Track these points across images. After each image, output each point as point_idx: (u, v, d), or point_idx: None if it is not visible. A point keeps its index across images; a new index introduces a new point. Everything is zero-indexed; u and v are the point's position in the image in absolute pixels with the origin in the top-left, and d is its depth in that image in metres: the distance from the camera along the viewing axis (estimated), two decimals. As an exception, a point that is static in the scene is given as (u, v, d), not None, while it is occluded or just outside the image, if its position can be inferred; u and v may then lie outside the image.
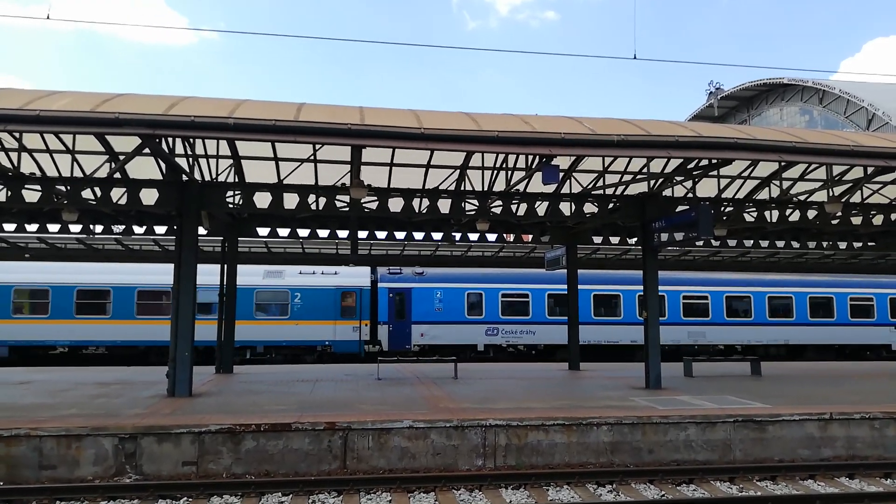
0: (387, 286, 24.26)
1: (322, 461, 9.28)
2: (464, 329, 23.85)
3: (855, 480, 9.21)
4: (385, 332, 24.05)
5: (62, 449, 8.86)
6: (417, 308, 24.23)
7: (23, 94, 10.01)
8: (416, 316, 24.22)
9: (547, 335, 24.45)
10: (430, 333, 23.98)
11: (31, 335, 22.51)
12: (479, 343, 24.32)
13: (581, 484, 8.81)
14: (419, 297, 24.28)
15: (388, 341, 24.04)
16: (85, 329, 22.64)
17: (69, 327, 22.59)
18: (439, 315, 23.31)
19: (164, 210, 13.34)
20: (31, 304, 22.87)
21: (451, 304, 24.33)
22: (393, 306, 24.22)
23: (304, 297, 23.53)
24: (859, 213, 15.70)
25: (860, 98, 45.47)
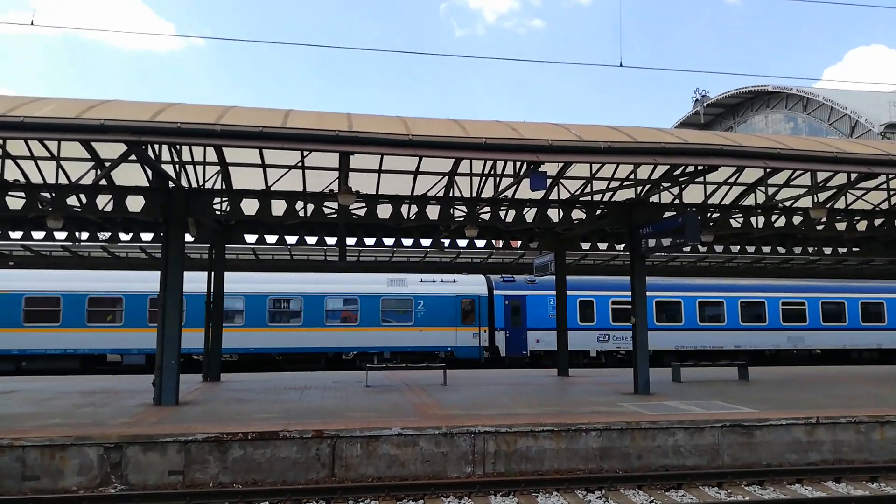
0: (502, 294, 24.96)
1: (310, 469, 9.21)
2: (576, 335, 23.99)
3: (842, 484, 9.27)
4: (502, 338, 24.70)
5: (46, 459, 8.74)
6: (532, 315, 24.90)
7: (6, 100, 9.92)
8: (532, 322, 24.86)
9: (652, 341, 25.06)
10: (545, 340, 24.28)
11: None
12: (592, 349, 25.00)
13: (570, 490, 8.80)
14: (533, 304, 24.98)
15: (505, 347, 24.71)
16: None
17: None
18: (553, 322, 23.53)
19: (150, 217, 13.26)
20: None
21: None
22: (509, 313, 24.89)
23: (426, 304, 24.25)
24: (844, 219, 15.88)
25: (843, 105, 46.03)
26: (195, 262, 22.14)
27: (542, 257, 19.40)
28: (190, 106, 10.57)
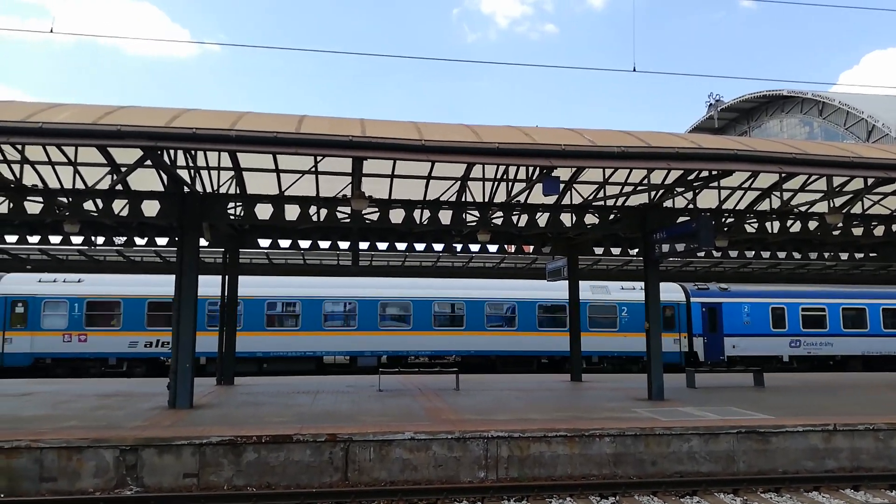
0: (699, 301, 25.88)
1: (323, 473, 9.23)
2: (770, 341, 25.58)
3: (860, 492, 9.16)
4: (700, 343, 25.59)
5: (63, 461, 8.83)
6: (728, 321, 25.77)
7: (25, 106, 10.06)
8: (728, 329, 25.74)
9: (843, 346, 26.39)
10: (741, 345, 25.56)
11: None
12: (784, 354, 25.89)
13: (584, 496, 8.76)
14: (729, 311, 25.88)
15: (703, 352, 25.52)
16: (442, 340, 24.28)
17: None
18: (747, 328, 25.06)
19: (165, 222, 13.37)
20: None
21: (757, 317, 25.99)
22: (706, 320, 25.76)
23: (629, 311, 25.01)
24: (860, 224, 15.71)
25: (860, 110, 45.61)
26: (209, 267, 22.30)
27: (555, 262, 19.35)
28: (205, 112, 10.67)
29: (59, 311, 22.07)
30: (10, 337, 21.81)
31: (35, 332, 21.90)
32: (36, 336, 21.90)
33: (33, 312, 21.98)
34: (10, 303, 22.08)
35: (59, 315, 22.06)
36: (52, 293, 22.22)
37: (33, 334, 21.90)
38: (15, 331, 21.88)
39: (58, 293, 22.16)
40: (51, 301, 22.15)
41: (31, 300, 22.09)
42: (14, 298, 22.12)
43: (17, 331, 21.89)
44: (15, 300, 22.11)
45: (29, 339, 21.89)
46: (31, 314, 21.98)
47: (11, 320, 21.96)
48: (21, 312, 22.01)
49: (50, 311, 22.08)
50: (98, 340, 22.17)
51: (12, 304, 22.07)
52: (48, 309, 22.11)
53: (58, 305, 22.10)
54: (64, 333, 21.94)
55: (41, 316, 21.98)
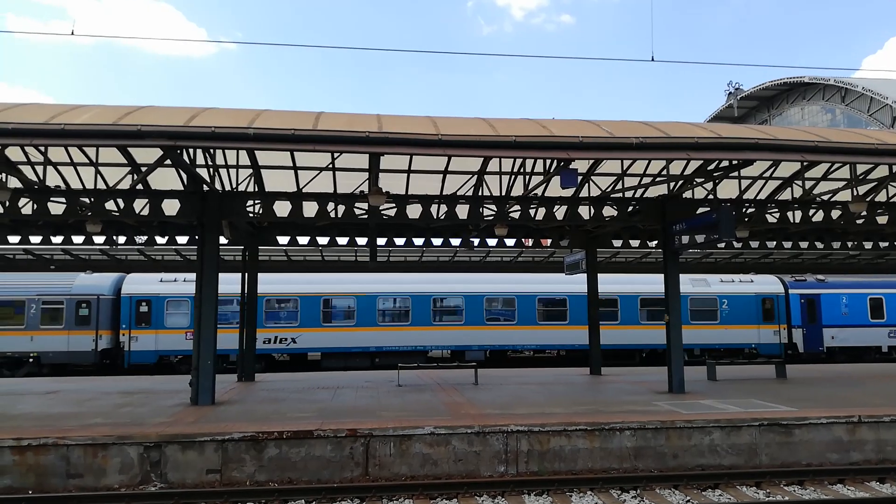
0: (797, 292, 26.20)
1: (344, 468, 9.29)
2: (868, 332, 25.87)
3: (886, 485, 9.03)
4: (800, 335, 25.92)
5: (89, 457, 8.98)
6: (827, 313, 26.10)
7: (47, 108, 10.20)
8: (827, 320, 26.06)
9: (868, 338, 26.75)
10: (840, 336, 25.92)
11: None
12: (883, 345, 26.08)
13: (605, 490, 8.73)
14: (827, 302, 26.20)
15: (803, 344, 25.87)
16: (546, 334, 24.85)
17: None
18: (846, 319, 25.46)
19: (185, 220, 13.50)
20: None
21: (855, 308, 26.32)
22: (805, 311, 26.09)
23: (730, 303, 25.59)
24: (885, 213, 15.44)
25: (884, 95, 44.74)
26: (229, 264, 22.51)
27: (573, 255, 19.27)
28: (223, 110, 10.75)
29: (180, 309, 23.03)
30: (136, 335, 22.89)
31: (159, 330, 22.99)
32: (160, 334, 22.96)
33: (157, 311, 23.07)
34: (135, 302, 23.09)
35: (182, 314, 23.00)
36: (173, 293, 23.24)
37: (157, 332, 22.97)
38: (140, 329, 22.94)
39: (179, 292, 23.10)
40: (173, 300, 23.15)
41: (155, 299, 23.10)
42: (139, 298, 23.13)
43: (142, 329, 22.94)
44: (139, 300, 23.13)
45: (153, 337, 22.96)
46: (155, 313, 23.05)
47: (136, 319, 23.02)
48: (145, 311, 23.08)
49: (172, 310, 23.11)
50: (219, 337, 23.00)
51: (137, 304, 23.09)
52: (171, 308, 23.15)
53: (179, 304, 23.05)
54: (186, 332, 22.73)
55: (164, 315, 23.06)
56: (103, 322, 22.90)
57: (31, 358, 22.32)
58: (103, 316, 22.92)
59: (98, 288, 23.20)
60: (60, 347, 22.45)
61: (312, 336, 23.51)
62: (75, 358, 22.51)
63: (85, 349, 22.53)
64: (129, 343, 22.85)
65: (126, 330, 22.95)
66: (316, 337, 23.54)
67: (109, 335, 23.01)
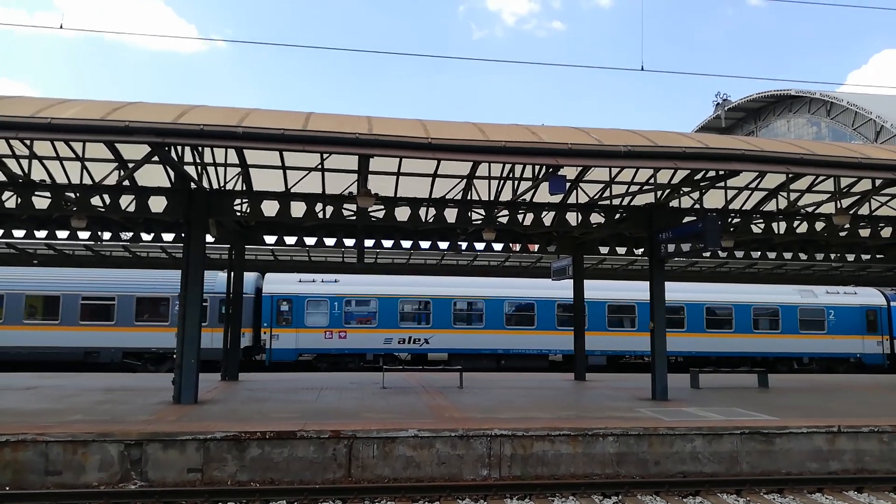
0: None
1: (327, 469, 9.27)
2: None
3: (864, 494, 9.14)
4: None
5: (68, 454, 8.89)
6: None
7: (34, 101, 10.11)
8: None
9: None
10: None
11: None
12: None
13: (587, 495, 8.77)
14: None
15: None
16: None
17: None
18: None
19: (172, 218, 13.42)
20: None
21: None
22: None
23: (837, 314, 26.34)
24: (867, 226, 15.64)
25: (868, 110, 45.34)
26: (215, 263, 22.39)
27: (560, 261, 19.34)
28: (212, 108, 10.71)
29: (320, 309, 23.60)
30: (277, 334, 23.35)
31: (299, 329, 23.48)
32: (300, 333, 23.44)
33: (297, 311, 23.56)
34: (276, 301, 23.56)
35: (321, 313, 23.58)
36: (313, 292, 23.65)
37: (298, 331, 23.40)
38: (281, 328, 23.41)
39: (319, 292, 23.67)
40: (312, 300, 23.58)
41: (295, 299, 23.50)
42: (280, 297, 23.60)
43: (282, 328, 23.42)
44: (280, 299, 23.60)
45: (294, 335, 23.34)
46: (296, 312, 23.47)
47: (277, 318, 23.48)
48: (286, 311, 23.55)
49: (312, 310, 23.53)
50: (356, 337, 23.66)
51: (278, 303, 23.57)
52: (310, 307, 23.56)
53: (319, 304, 23.62)
54: (325, 331, 23.46)
55: (304, 314, 23.53)
56: (246, 320, 22.90)
57: (176, 354, 22.38)
58: (246, 314, 22.81)
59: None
60: (204, 344, 22.51)
61: (443, 337, 23.99)
62: (220, 354, 22.73)
63: None
64: (271, 341, 23.33)
65: (268, 328, 23.43)
66: (446, 338, 24.02)
67: (250, 333, 23.34)
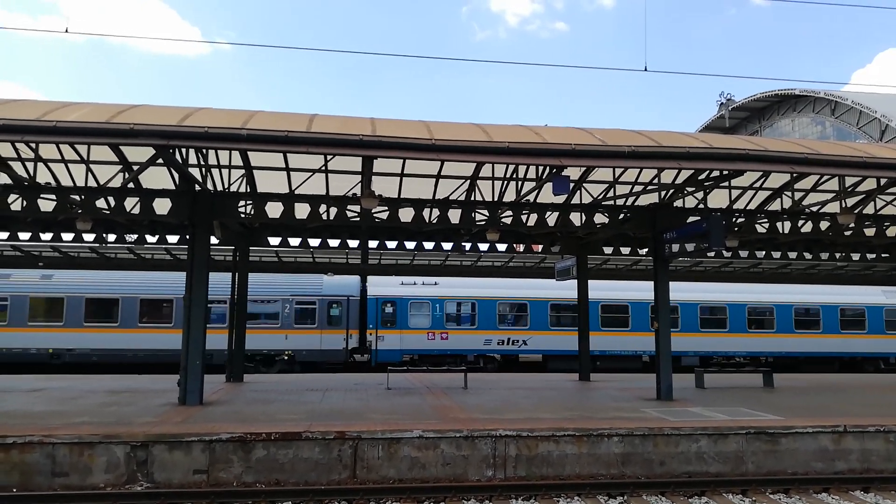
0: None
1: (332, 470, 9.28)
2: None
3: (870, 494, 9.11)
4: None
5: (75, 456, 8.92)
6: None
7: (39, 105, 10.15)
8: None
9: None
10: None
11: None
12: None
13: (592, 495, 8.76)
14: None
15: None
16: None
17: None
18: None
19: (176, 220, 13.45)
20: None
21: None
22: None
23: None
24: (872, 225, 15.60)
25: (872, 109, 45.22)
26: (219, 265, 22.42)
27: (564, 261, 19.32)
28: (216, 110, 10.73)
29: (422, 311, 24.30)
30: (382, 335, 24.05)
31: (403, 330, 24.13)
32: (404, 334, 24.10)
33: (401, 312, 24.24)
34: (380, 303, 24.32)
35: (423, 315, 24.29)
36: (415, 295, 24.24)
37: (402, 332, 23.95)
38: (386, 329, 24.09)
39: (421, 295, 24.38)
40: (415, 302, 24.15)
41: (399, 301, 24.08)
42: (384, 299, 24.36)
43: (387, 329, 24.09)
44: (385, 301, 24.35)
45: (398, 336, 23.95)
46: (399, 314, 24.02)
47: (382, 320, 24.18)
48: (390, 312, 24.29)
49: (415, 311, 24.12)
50: (457, 338, 24.21)
51: (382, 305, 24.32)
52: (413, 309, 24.15)
53: (421, 306, 24.32)
54: (427, 332, 24.13)
55: (408, 316, 24.17)
56: (352, 322, 24.08)
57: (287, 356, 23.36)
58: (352, 316, 24.10)
59: (347, 289, 24.61)
60: (314, 346, 23.70)
61: (540, 339, 24.41)
62: (328, 356, 23.75)
63: (336, 347, 23.87)
64: (376, 342, 24.00)
65: (373, 329, 24.12)
66: (543, 339, 24.44)
67: (356, 334, 24.19)
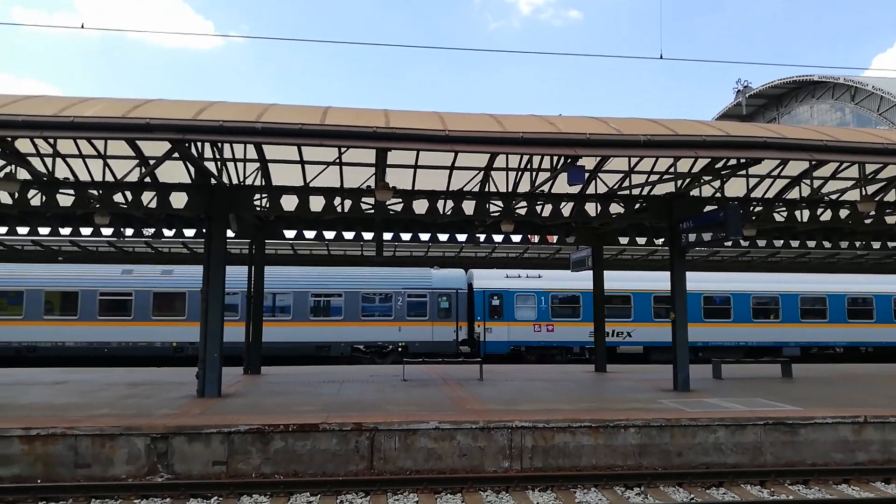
0: None
1: (349, 462, 9.34)
2: None
3: (891, 486, 9.02)
4: None
5: (96, 448, 9.05)
6: None
7: (56, 101, 10.25)
8: None
9: None
10: None
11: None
12: None
13: (609, 486, 8.75)
14: None
15: None
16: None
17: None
18: None
19: (193, 213, 13.55)
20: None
21: None
22: None
23: None
24: (893, 212, 15.37)
25: (894, 94, 44.47)
26: (235, 258, 22.57)
27: (579, 252, 19.23)
28: (231, 104, 10.77)
29: (528, 303, 24.62)
30: (490, 327, 24.55)
31: (510, 322, 24.51)
32: (511, 326, 24.51)
33: (508, 305, 24.59)
34: (487, 296, 24.75)
35: (529, 307, 24.63)
36: (521, 287, 24.55)
37: (509, 325, 24.35)
38: (494, 321, 24.59)
39: (526, 287, 24.64)
40: (521, 294, 24.48)
41: (506, 294, 24.43)
42: (491, 292, 24.79)
43: (495, 321, 24.58)
44: (492, 294, 24.79)
45: (506, 328, 24.36)
46: (506, 307, 24.43)
47: (490, 312, 24.67)
48: (497, 305, 24.71)
49: (521, 304, 24.46)
50: (563, 331, 24.74)
51: (490, 298, 24.76)
52: (519, 302, 24.49)
53: (527, 299, 24.63)
54: (534, 324, 24.52)
55: (515, 308, 24.53)
56: (461, 314, 24.62)
57: (400, 347, 24.00)
58: (461, 308, 24.63)
59: (455, 282, 25.18)
60: (425, 337, 24.38)
61: (643, 331, 24.76)
62: (439, 347, 24.17)
63: (447, 339, 24.42)
64: (485, 334, 24.45)
65: (481, 322, 24.57)
66: (646, 331, 24.78)
67: (465, 326, 24.74)
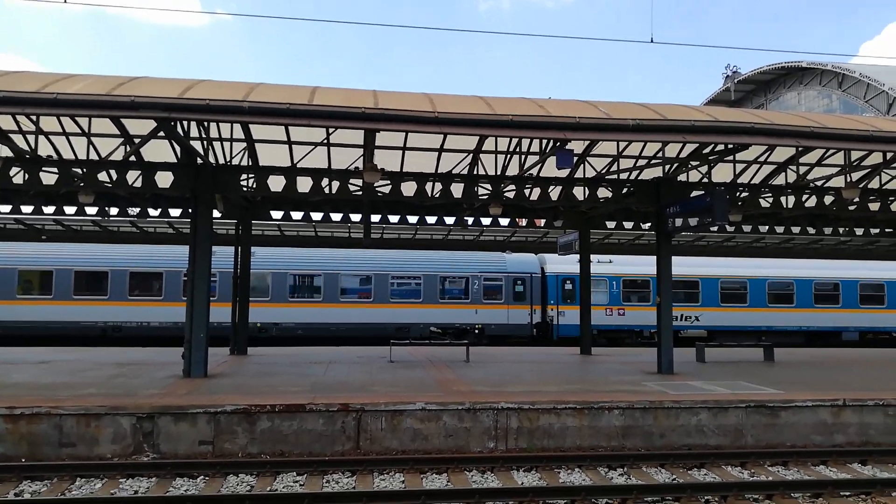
0: None
1: (336, 442, 9.39)
2: None
3: (867, 466, 9.21)
4: None
5: (82, 427, 9.03)
6: None
7: (40, 77, 10.08)
8: None
9: None
10: None
11: None
12: None
13: (592, 467, 8.86)
14: None
15: None
16: None
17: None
18: None
19: (179, 193, 13.43)
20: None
21: None
22: None
23: None
24: (877, 199, 15.53)
25: (880, 82, 44.74)
26: (221, 238, 22.46)
27: (567, 236, 19.32)
28: (218, 83, 10.64)
29: (600, 287, 24.89)
30: (563, 311, 25.31)
31: None
32: None
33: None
34: (560, 281, 25.47)
35: (601, 292, 25.03)
36: (593, 272, 24.08)
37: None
38: (566, 305, 25.22)
39: (598, 272, 24.27)
40: (593, 279, 24.11)
41: (577, 278, 23.92)
42: (564, 277, 25.39)
43: (567, 305, 25.15)
44: (565, 278, 25.41)
45: (578, 312, 23.79)
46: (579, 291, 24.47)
47: (563, 296, 25.37)
48: (570, 290, 25.24)
49: (593, 288, 24.06)
50: (633, 315, 25.48)
51: (563, 282, 25.48)
52: (592, 286, 24.00)
53: (599, 283, 24.76)
54: (605, 308, 25.11)
55: None
56: (535, 297, 25.20)
57: (477, 329, 24.43)
58: (535, 292, 25.21)
59: (529, 266, 25.72)
60: (501, 320, 25.13)
61: (710, 315, 25.33)
62: (514, 330, 25.02)
63: (522, 322, 25.18)
64: (557, 317, 25.21)
65: (554, 305, 25.34)
66: (712, 316, 25.36)
67: (538, 310, 25.36)
